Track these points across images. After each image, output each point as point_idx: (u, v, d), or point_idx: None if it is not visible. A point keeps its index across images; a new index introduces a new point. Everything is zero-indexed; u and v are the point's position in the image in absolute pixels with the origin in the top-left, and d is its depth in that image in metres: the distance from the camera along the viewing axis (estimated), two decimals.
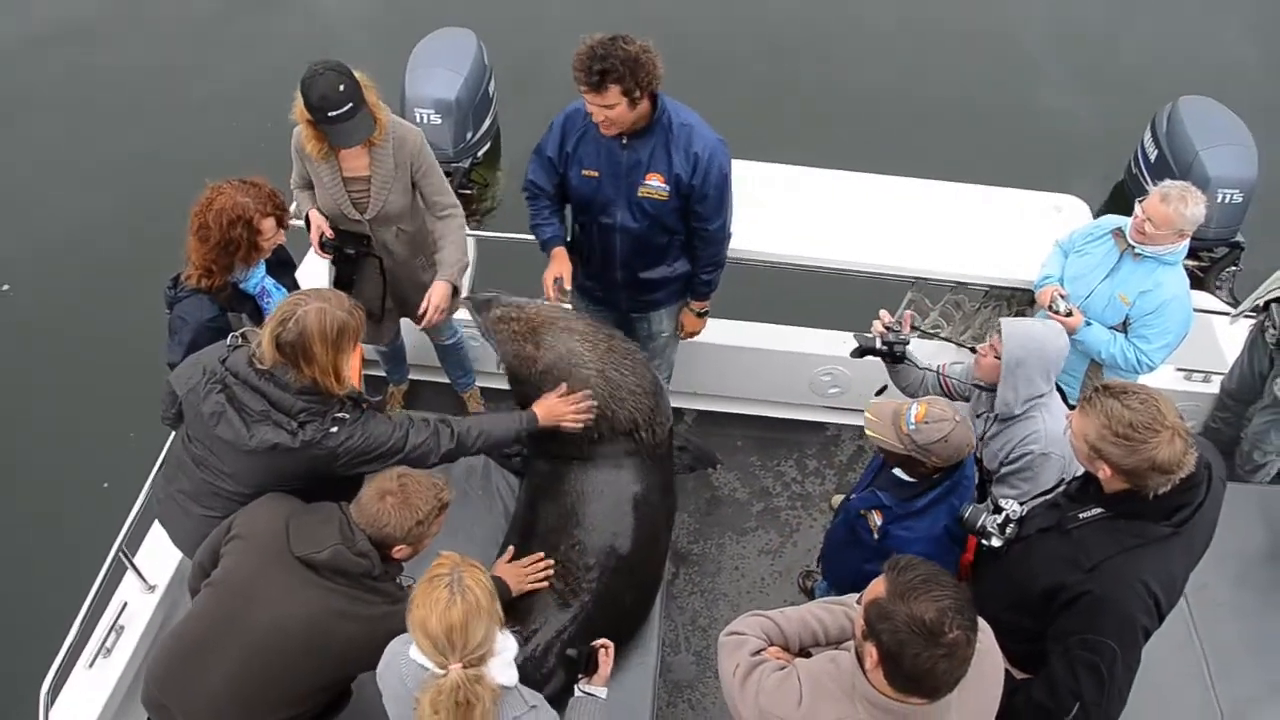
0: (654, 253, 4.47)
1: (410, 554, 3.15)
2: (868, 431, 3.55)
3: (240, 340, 3.40)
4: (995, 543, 3.28)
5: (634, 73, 3.89)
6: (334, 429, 3.30)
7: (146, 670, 3.26)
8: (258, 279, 3.95)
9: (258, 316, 3.97)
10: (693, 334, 4.97)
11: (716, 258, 4.59)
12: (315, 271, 5.27)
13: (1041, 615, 3.11)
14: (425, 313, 4.43)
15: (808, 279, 5.41)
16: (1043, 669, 3.10)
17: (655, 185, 4.23)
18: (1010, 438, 3.79)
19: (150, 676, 3.22)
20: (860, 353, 4.15)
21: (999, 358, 3.73)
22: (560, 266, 4.50)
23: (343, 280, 4.51)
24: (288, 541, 3.04)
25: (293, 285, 4.22)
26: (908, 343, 4.09)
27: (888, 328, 4.08)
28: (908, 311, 4.26)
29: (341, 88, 3.95)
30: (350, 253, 4.41)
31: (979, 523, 3.32)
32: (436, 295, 4.44)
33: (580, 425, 3.91)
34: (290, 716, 3.12)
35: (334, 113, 3.96)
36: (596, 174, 4.26)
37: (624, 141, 4.17)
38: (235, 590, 3.07)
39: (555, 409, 3.88)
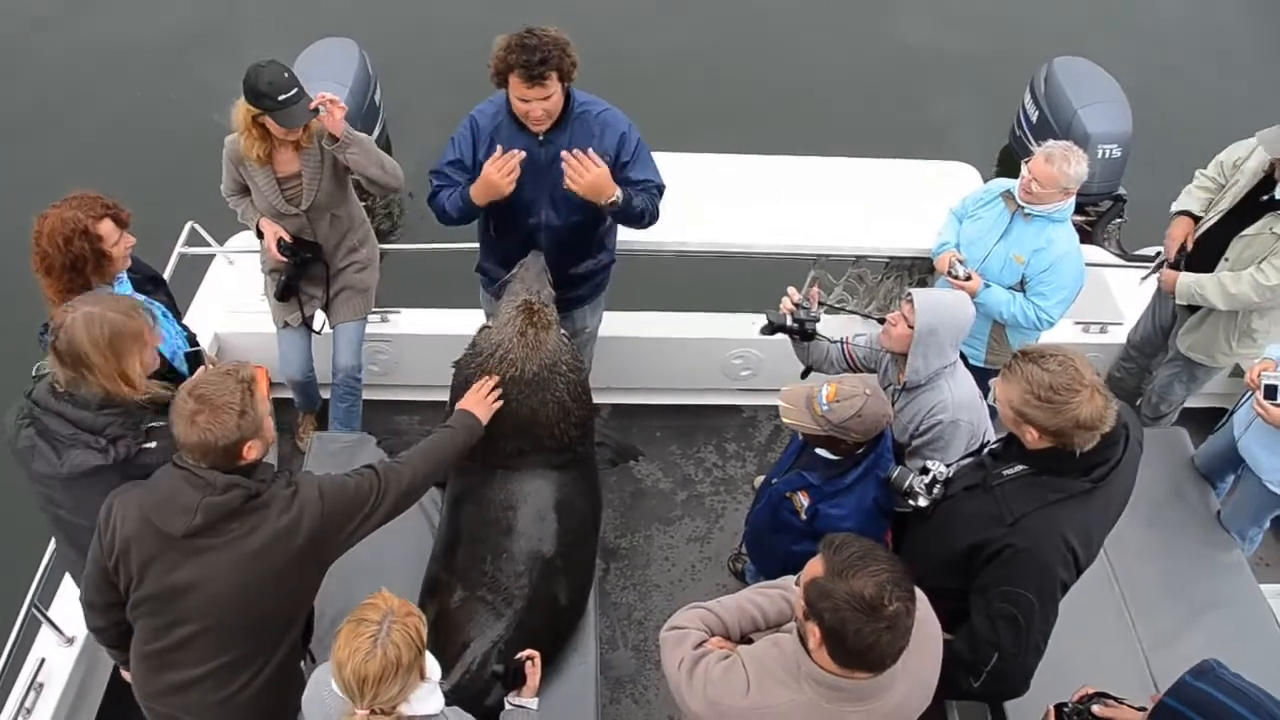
0: (581, 247, 4.43)
1: (263, 446, 2.95)
2: (784, 420, 3.57)
3: (42, 369, 3.29)
4: (922, 503, 3.34)
5: (566, 56, 3.87)
6: (151, 444, 3.16)
7: (135, 690, 3.17)
8: None
9: None
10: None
11: (654, 208, 4.35)
12: (229, 276, 5.55)
13: (966, 573, 3.18)
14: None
15: (710, 264, 5.45)
16: (960, 624, 3.17)
17: None
18: (918, 408, 3.84)
19: (141, 695, 3.15)
20: (771, 330, 4.13)
21: (911, 327, 3.75)
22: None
23: (290, 282, 4.77)
24: (160, 529, 2.89)
25: (168, 301, 4.11)
26: (818, 319, 4.10)
27: (796, 304, 4.08)
28: (814, 289, 4.28)
29: (286, 75, 4.24)
30: (307, 256, 4.71)
31: (906, 483, 3.38)
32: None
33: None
34: (287, 644, 3.12)
35: (283, 96, 4.22)
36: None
37: (540, 138, 4.10)
38: (159, 598, 2.96)
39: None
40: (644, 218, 4.31)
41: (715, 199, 5.34)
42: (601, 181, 4.06)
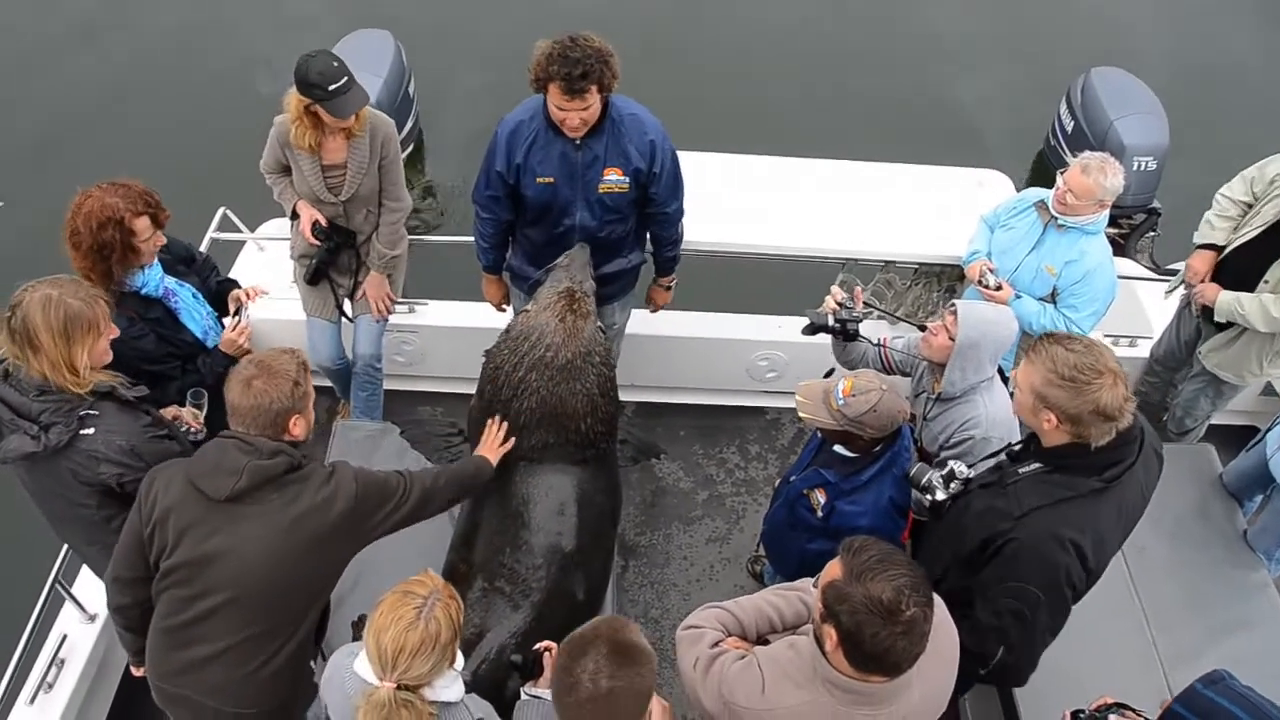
0: (611, 247, 4.47)
1: (306, 427, 3.09)
2: (800, 414, 3.58)
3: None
4: (940, 496, 3.33)
5: (608, 68, 3.88)
6: (87, 430, 3.16)
7: (149, 672, 3.19)
8: (155, 282, 3.83)
9: (171, 320, 3.89)
10: (661, 307, 5.04)
11: (675, 235, 4.64)
12: (259, 263, 5.57)
13: (978, 570, 3.17)
14: (375, 305, 4.91)
15: (739, 265, 5.44)
16: (968, 618, 3.15)
17: (615, 180, 4.23)
18: (951, 420, 3.80)
19: (156, 676, 3.16)
20: (813, 330, 4.10)
21: (952, 339, 3.70)
22: (496, 293, 4.89)
23: (321, 267, 4.83)
24: (202, 493, 2.96)
25: (199, 283, 4.12)
26: (860, 320, 4.07)
27: (840, 304, 4.06)
28: (858, 288, 4.25)
29: (335, 64, 4.29)
30: (337, 242, 4.76)
31: (925, 478, 3.37)
32: (372, 289, 4.90)
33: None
34: (306, 628, 3.15)
35: (334, 85, 4.27)
36: (552, 180, 4.21)
37: (577, 142, 4.13)
38: (192, 565, 2.99)
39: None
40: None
41: (745, 200, 5.34)
42: (667, 297, 4.95)
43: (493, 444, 3.87)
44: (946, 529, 3.33)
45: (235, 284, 4.22)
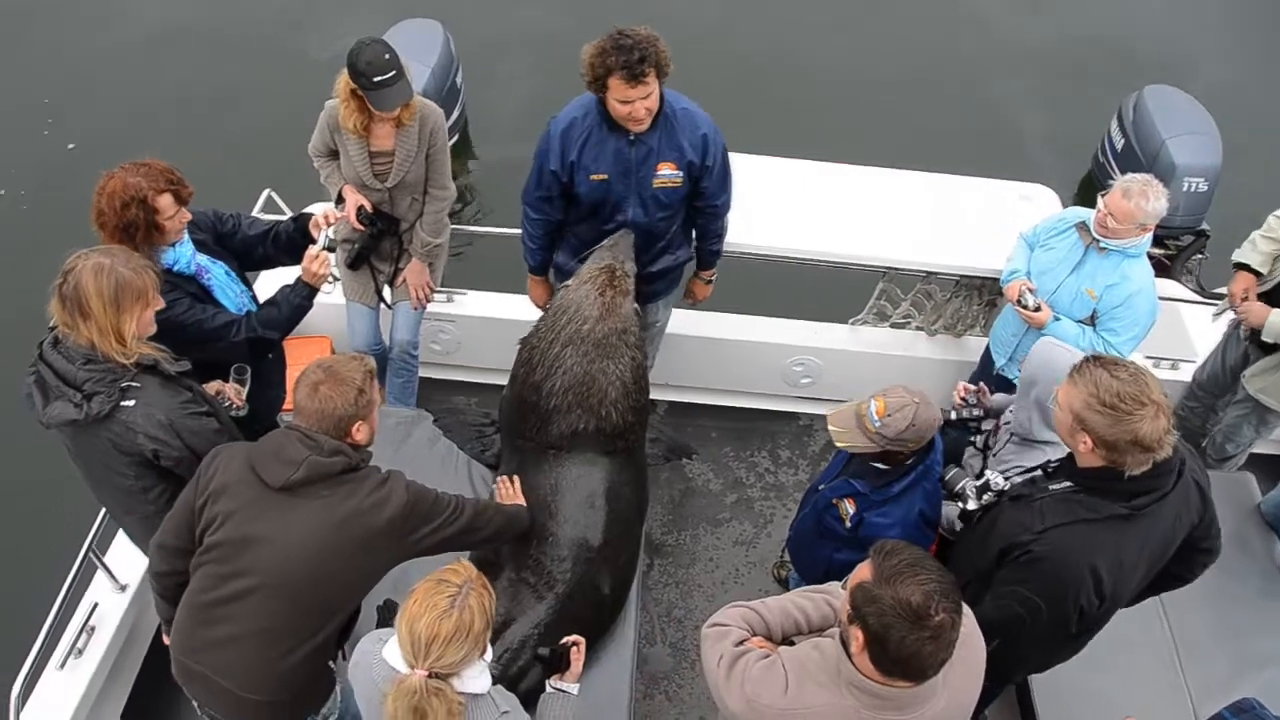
0: (662, 244, 4.48)
1: (369, 432, 3.15)
2: (838, 443, 3.53)
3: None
4: (970, 505, 3.32)
5: (661, 51, 3.90)
6: (127, 402, 3.20)
7: (172, 645, 3.22)
8: (186, 259, 3.82)
9: (206, 296, 3.90)
10: (702, 300, 5.04)
11: (721, 229, 4.64)
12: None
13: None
14: (414, 293, 4.95)
15: (778, 269, 5.41)
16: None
17: (669, 174, 4.22)
18: (1020, 464, 3.62)
19: (178, 649, 3.18)
20: None
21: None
22: (541, 295, 4.84)
23: (364, 252, 4.86)
24: (260, 479, 3.02)
25: (240, 269, 4.11)
26: (983, 415, 3.95)
27: (964, 400, 3.98)
28: (985, 386, 4.13)
29: (387, 56, 4.30)
30: (381, 228, 4.77)
31: (959, 485, 3.36)
32: (413, 276, 4.93)
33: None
34: (330, 630, 3.16)
35: (379, 78, 4.28)
36: (606, 176, 4.21)
37: (631, 137, 4.13)
38: (233, 544, 3.04)
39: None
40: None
41: (786, 205, 5.31)
42: (708, 290, 4.91)
43: (513, 497, 3.96)
44: (974, 542, 3.31)
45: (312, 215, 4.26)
